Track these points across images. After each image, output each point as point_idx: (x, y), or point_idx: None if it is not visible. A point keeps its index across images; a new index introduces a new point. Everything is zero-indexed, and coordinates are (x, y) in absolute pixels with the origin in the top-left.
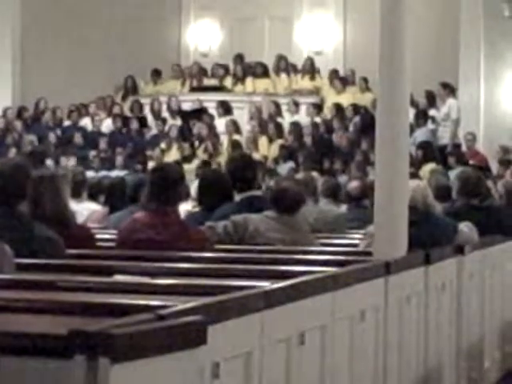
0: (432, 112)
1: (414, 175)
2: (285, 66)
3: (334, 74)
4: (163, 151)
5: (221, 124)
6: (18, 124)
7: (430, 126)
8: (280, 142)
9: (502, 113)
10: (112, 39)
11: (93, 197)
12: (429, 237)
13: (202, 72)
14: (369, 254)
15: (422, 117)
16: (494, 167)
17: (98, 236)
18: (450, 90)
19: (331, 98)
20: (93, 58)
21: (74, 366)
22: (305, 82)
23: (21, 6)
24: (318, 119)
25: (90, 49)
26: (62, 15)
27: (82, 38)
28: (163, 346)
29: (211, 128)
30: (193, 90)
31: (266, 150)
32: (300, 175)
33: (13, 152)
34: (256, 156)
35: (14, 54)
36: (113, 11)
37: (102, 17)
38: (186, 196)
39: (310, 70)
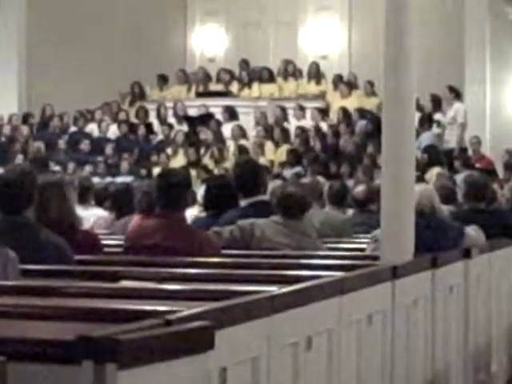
0: (437, 116)
1: (420, 179)
2: (293, 70)
3: (337, 78)
4: (169, 157)
5: (227, 129)
6: (25, 130)
7: (435, 129)
8: (286, 146)
9: (508, 116)
10: (117, 45)
11: (99, 203)
12: (436, 240)
13: (208, 77)
14: (376, 258)
15: (426, 121)
16: (500, 171)
17: (105, 242)
18: (457, 93)
19: (336, 102)
20: (98, 64)
21: (82, 372)
22: (310, 87)
23: (26, 12)
24: (323, 123)
25: (95, 55)
26: (67, 22)
27: (88, 45)
28: (170, 351)
29: (217, 133)
30: (198, 95)
31: (273, 154)
32: (306, 180)
33: (19, 158)
34: (262, 161)
35: (20, 60)
36: (118, 17)
37: (107, 23)
38: (192, 201)
39: (316, 74)
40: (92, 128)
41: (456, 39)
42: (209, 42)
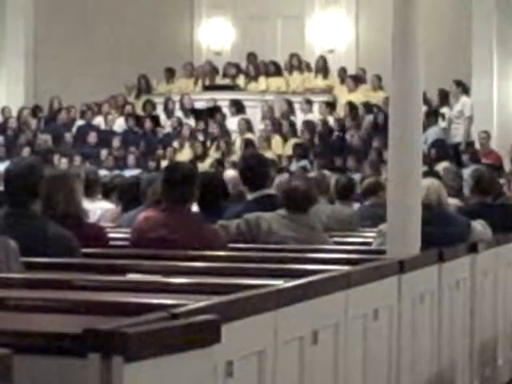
0: (444, 110)
1: (431, 173)
2: (298, 63)
3: (343, 72)
4: (176, 150)
5: (233, 123)
6: (33, 123)
7: (442, 124)
8: (294, 140)
9: None
10: (124, 38)
11: (106, 195)
12: (442, 235)
13: (215, 71)
14: (382, 252)
15: (432, 115)
16: (507, 165)
17: (112, 235)
18: (464, 87)
19: (343, 96)
20: (105, 58)
21: (88, 365)
22: (318, 81)
23: (34, 6)
24: (330, 118)
25: (102, 48)
26: (74, 14)
27: (95, 38)
28: (177, 344)
29: (223, 127)
30: (205, 88)
31: (281, 148)
32: (313, 174)
33: (26, 151)
34: (269, 155)
35: (27, 54)
36: (125, 10)
37: (114, 16)
38: None
39: (323, 68)
40: (99, 121)
41: (463, 33)
42: (215, 36)
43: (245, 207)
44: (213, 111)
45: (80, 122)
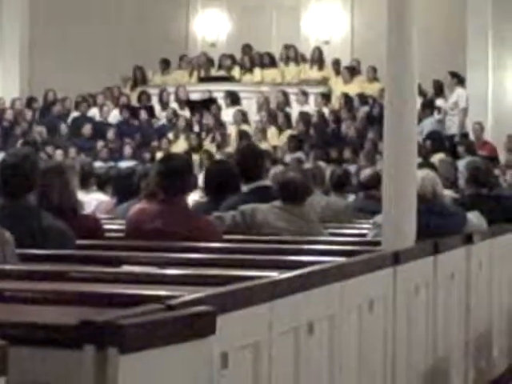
0: (439, 101)
1: (426, 165)
2: (293, 55)
3: (336, 63)
4: (171, 142)
5: (229, 114)
6: (29, 114)
7: (437, 116)
8: (290, 132)
9: (510, 102)
10: (119, 30)
11: (101, 187)
12: (438, 226)
13: (210, 62)
14: (377, 243)
15: (428, 107)
16: (503, 156)
17: (107, 226)
18: (459, 79)
19: (339, 87)
20: (100, 49)
21: (84, 356)
22: (313, 72)
23: None
24: (326, 109)
25: (97, 39)
26: (69, 6)
27: (90, 29)
28: (172, 336)
29: (218, 118)
30: (201, 80)
31: (276, 140)
32: (308, 165)
33: (21, 143)
34: (264, 146)
35: (22, 45)
36: (120, 1)
37: (109, 7)
38: (194, 186)
39: (319, 59)
40: (94, 112)
41: (459, 24)
42: (211, 27)
43: (240, 199)
44: (208, 103)
45: (75, 114)
